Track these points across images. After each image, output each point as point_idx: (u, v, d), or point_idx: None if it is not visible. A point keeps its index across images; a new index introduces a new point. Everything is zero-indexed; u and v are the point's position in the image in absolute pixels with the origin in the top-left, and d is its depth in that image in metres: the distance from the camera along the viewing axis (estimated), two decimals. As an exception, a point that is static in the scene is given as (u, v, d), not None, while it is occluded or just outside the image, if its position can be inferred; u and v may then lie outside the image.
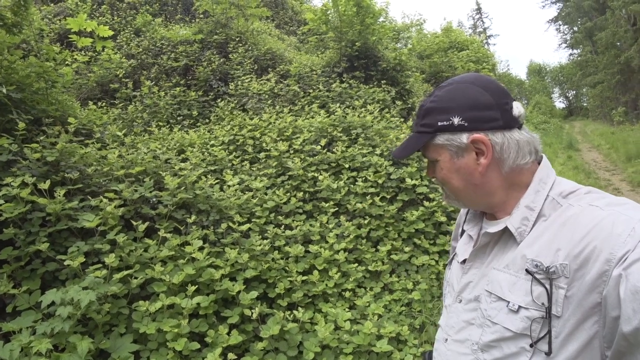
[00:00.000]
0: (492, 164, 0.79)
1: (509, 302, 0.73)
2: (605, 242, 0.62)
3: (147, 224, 2.54)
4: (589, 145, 14.13)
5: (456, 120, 0.78)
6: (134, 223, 2.50)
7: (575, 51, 34.22)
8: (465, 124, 0.78)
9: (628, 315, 0.56)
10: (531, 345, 0.69)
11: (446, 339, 0.89)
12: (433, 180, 0.89)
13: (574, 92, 40.69)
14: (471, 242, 0.92)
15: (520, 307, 0.71)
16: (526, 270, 0.72)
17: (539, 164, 0.82)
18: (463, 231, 0.99)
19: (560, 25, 35.31)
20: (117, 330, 2.09)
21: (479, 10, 43.44)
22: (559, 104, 43.52)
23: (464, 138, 0.78)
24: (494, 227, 0.82)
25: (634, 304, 0.55)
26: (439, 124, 0.80)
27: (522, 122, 0.80)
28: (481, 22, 43.04)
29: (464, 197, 0.85)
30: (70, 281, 2.17)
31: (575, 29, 32.65)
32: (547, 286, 0.68)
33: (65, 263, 2.10)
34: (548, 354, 0.67)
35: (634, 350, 0.57)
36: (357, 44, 7.01)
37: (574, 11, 30.85)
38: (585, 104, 36.44)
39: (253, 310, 2.34)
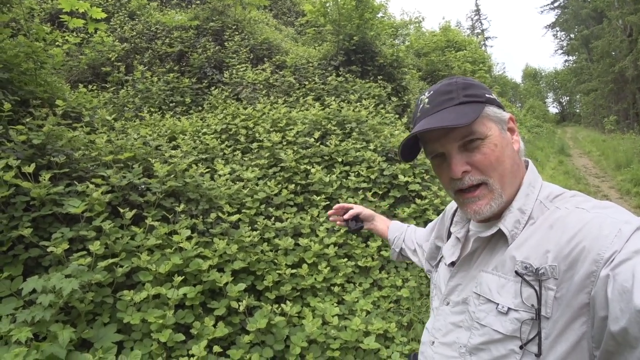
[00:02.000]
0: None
1: (498, 304, 0.73)
2: (593, 243, 0.62)
3: (134, 211, 2.49)
4: (580, 151, 14.31)
5: (495, 97, 0.80)
6: (121, 210, 2.44)
7: (570, 58, 34.59)
8: (500, 103, 0.82)
9: (616, 315, 0.56)
10: (521, 347, 0.69)
11: (433, 342, 0.89)
12: (463, 176, 0.77)
13: (568, 98, 41.18)
14: (459, 245, 0.91)
15: (509, 309, 0.71)
16: (515, 272, 0.71)
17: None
18: (449, 233, 0.98)
19: (557, 31, 35.63)
20: (101, 319, 2.04)
21: (477, 11, 43.54)
22: (553, 109, 44.10)
23: (505, 113, 0.81)
24: (487, 231, 0.81)
25: (622, 304, 0.55)
26: (487, 95, 0.79)
27: None
28: (479, 24, 43.17)
29: (507, 183, 0.77)
30: (54, 268, 2.11)
31: (572, 36, 32.97)
32: (537, 288, 0.68)
33: (49, 250, 2.04)
34: (538, 355, 0.67)
35: (622, 350, 0.57)
36: (354, 38, 6.95)
37: (571, 18, 31.10)
38: (578, 111, 36.89)
39: (240, 303, 2.31)
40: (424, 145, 0.85)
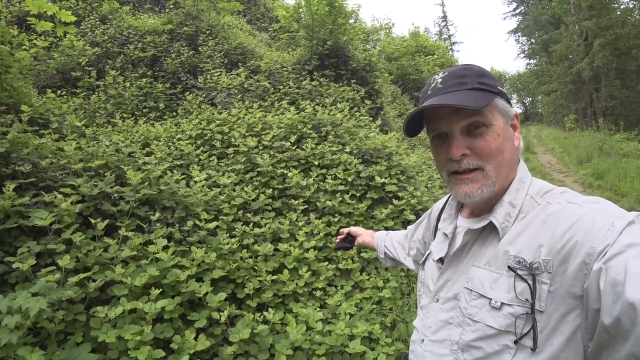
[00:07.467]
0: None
1: (491, 299, 0.73)
2: (586, 237, 0.63)
3: (107, 221, 2.38)
4: (544, 148, 14.95)
5: (505, 92, 0.82)
6: (93, 221, 2.33)
7: (532, 61, 36.19)
8: (509, 99, 0.84)
9: (608, 307, 0.57)
10: (515, 342, 0.69)
11: (422, 340, 0.88)
12: (461, 159, 0.78)
13: (530, 99, 43.10)
14: (446, 241, 0.91)
15: (503, 303, 0.71)
16: (508, 267, 0.72)
17: None
18: (436, 231, 0.99)
19: (519, 36, 37.24)
20: (73, 339, 1.91)
21: (444, 18, 44.95)
22: (517, 109, 45.62)
23: (512, 109, 0.83)
24: (477, 224, 0.82)
25: (614, 297, 0.56)
26: (499, 88, 0.80)
27: None
28: (446, 30, 44.56)
29: (503, 174, 0.79)
30: (20, 285, 1.98)
31: (533, 40, 34.54)
32: (530, 282, 0.68)
33: (14, 266, 1.91)
34: (533, 349, 0.67)
35: (614, 342, 0.58)
36: (328, 42, 7.01)
37: (532, 24, 32.60)
38: (540, 110, 38.57)
39: (221, 313, 2.25)
40: (427, 123, 0.84)
